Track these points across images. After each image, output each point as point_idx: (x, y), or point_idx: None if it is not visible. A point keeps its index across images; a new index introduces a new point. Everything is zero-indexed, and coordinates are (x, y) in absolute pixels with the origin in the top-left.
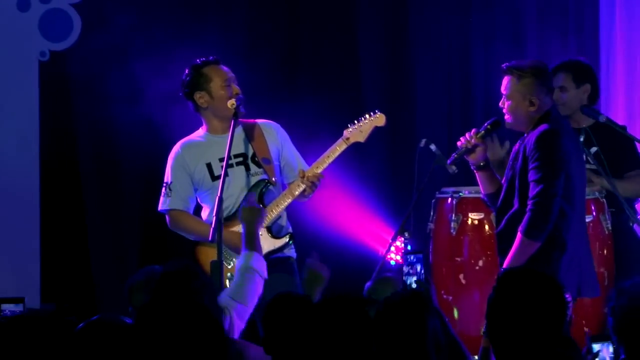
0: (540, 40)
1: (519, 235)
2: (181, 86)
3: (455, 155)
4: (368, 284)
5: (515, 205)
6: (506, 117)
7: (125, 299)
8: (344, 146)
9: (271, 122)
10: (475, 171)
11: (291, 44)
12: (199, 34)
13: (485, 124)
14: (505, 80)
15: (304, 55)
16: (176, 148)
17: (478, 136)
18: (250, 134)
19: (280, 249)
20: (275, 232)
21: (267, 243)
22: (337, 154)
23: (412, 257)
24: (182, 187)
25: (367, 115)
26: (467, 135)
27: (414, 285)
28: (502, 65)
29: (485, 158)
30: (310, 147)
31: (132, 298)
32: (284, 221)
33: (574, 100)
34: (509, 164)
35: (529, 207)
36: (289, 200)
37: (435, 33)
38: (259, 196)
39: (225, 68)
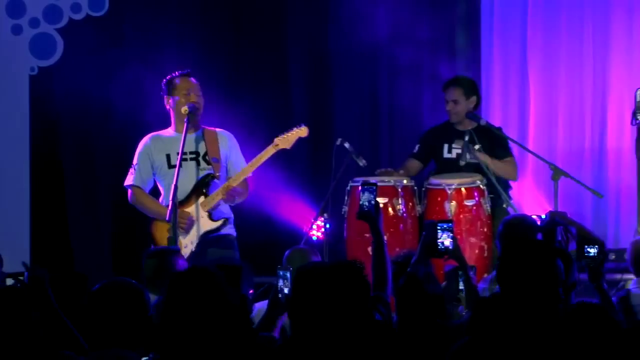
0: (432, 59)
1: None
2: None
3: None
4: (287, 252)
5: None
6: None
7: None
8: (273, 151)
9: (226, 132)
10: None
11: (235, 64)
12: (160, 53)
13: None
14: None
15: (245, 73)
16: (146, 139)
17: None
18: (208, 137)
19: (217, 229)
20: (213, 216)
21: (207, 224)
22: (267, 156)
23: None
24: (144, 169)
25: (294, 128)
26: None
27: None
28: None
29: None
30: (247, 146)
31: (146, 268)
32: (225, 208)
33: (463, 110)
34: None
35: None
36: (222, 196)
37: (350, 55)
38: (205, 185)
39: (192, 80)
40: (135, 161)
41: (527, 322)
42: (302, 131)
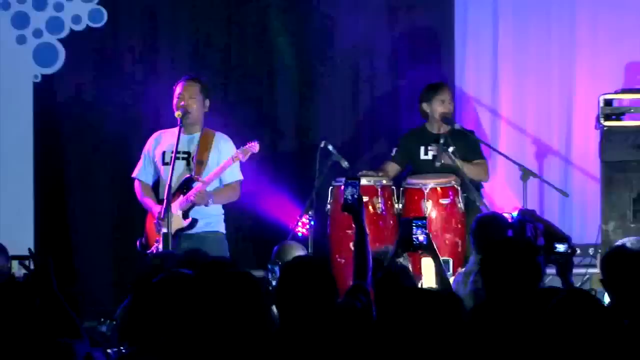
0: (408, 65)
1: None
2: None
3: None
4: (275, 247)
5: None
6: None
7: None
8: (232, 162)
9: (224, 136)
10: None
11: (224, 69)
12: (156, 60)
13: None
14: None
15: (232, 77)
16: (153, 137)
17: None
18: (203, 139)
19: (187, 227)
20: (186, 215)
21: (177, 223)
22: (228, 166)
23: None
24: (146, 164)
25: (249, 143)
26: None
27: None
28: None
29: None
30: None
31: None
32: (214, 208)
33: (453, 110)
34: None
35: None
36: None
37: (332, 62)
38: (186, 186)
39: (191, 84)
40: (142, 155)
41: (514, 318)
42: (254, 147)
